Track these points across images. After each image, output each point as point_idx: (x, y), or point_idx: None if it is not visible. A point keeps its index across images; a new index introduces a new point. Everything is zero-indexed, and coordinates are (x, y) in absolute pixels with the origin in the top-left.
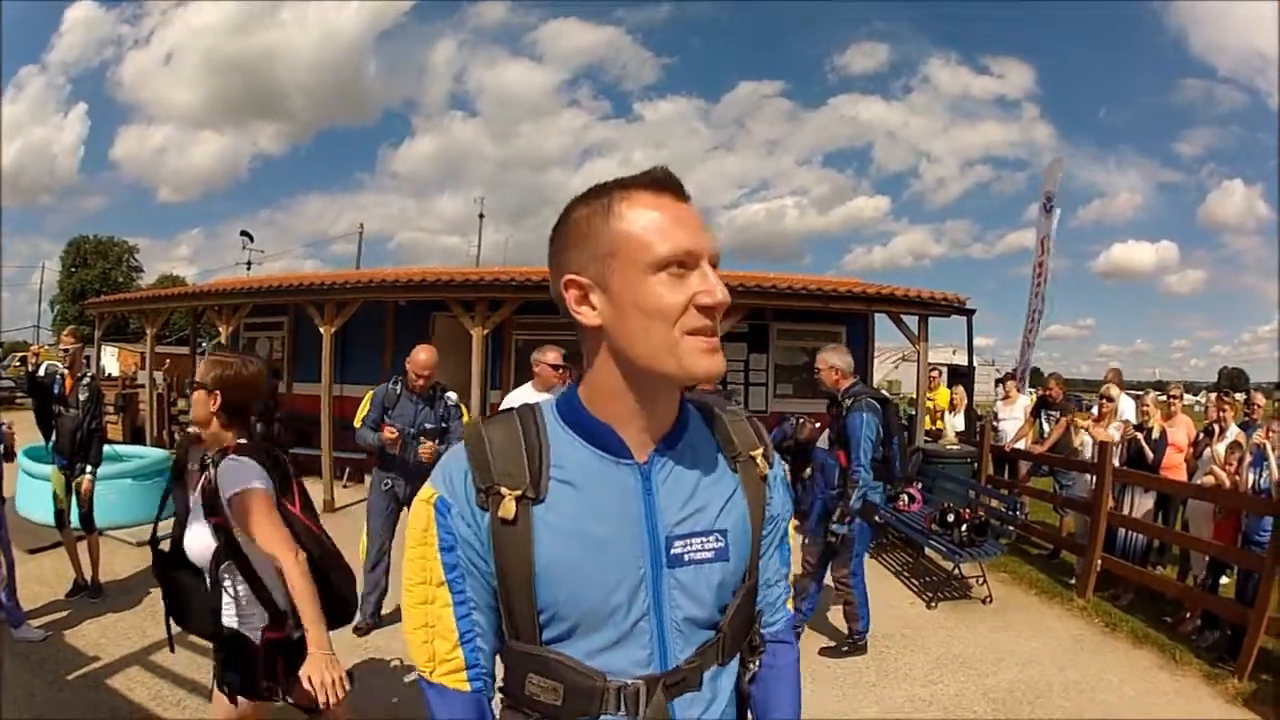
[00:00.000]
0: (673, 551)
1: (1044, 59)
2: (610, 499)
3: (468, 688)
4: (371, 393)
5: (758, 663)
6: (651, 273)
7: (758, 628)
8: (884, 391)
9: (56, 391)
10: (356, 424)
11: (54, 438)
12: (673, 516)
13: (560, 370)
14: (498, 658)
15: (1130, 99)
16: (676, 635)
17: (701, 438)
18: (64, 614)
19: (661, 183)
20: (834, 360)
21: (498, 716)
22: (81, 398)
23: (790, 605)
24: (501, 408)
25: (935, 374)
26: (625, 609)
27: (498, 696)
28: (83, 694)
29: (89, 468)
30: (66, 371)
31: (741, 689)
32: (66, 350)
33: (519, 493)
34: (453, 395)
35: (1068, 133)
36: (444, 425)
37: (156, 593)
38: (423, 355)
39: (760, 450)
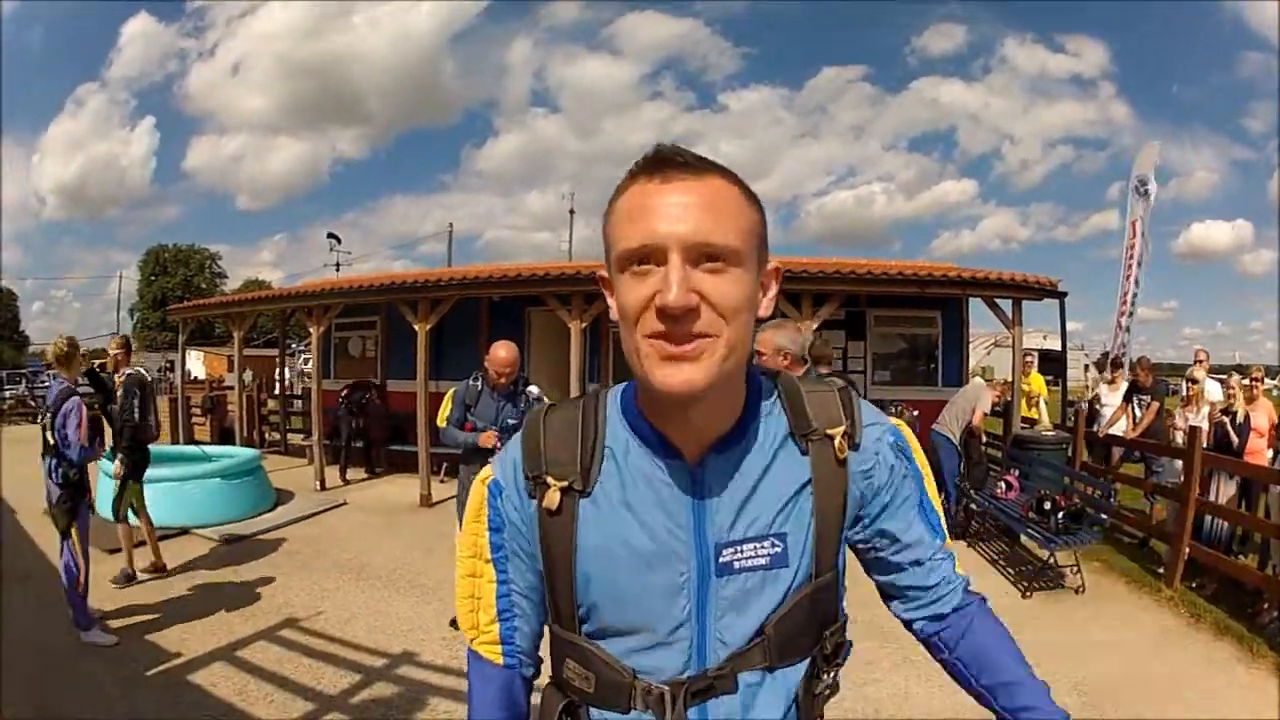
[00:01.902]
0: (722, 560)
1: (1115, 35)
2: (657, 502)
3: (501, 661)
4: (453, 391)
5: (833, 675)
6: (619, 270)
7: (840, 634)
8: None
9: (108, 392)
10: (440, 424)
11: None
12: (725, 520)
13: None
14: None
15: (1198, 74)
16: (718, 643)
17: (772, 425)
18: (149, 615)
19: (645, 164)
20: (780, 340)
21: (541, 690)
22: (119, 395)
23: (960, 570)
24: None
25: (1029, 359)
26: (663, 617)
27: (544, 674)
28: (161, 691)
29: (119, 455)
30: (114, 373)
31: (804, 697)
32: (114, 355)
33: (565, 484)
34: (535, 389)
35: (1143, 110)
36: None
37: (241, 590)
38: (502, 353)
39: (841, 428)
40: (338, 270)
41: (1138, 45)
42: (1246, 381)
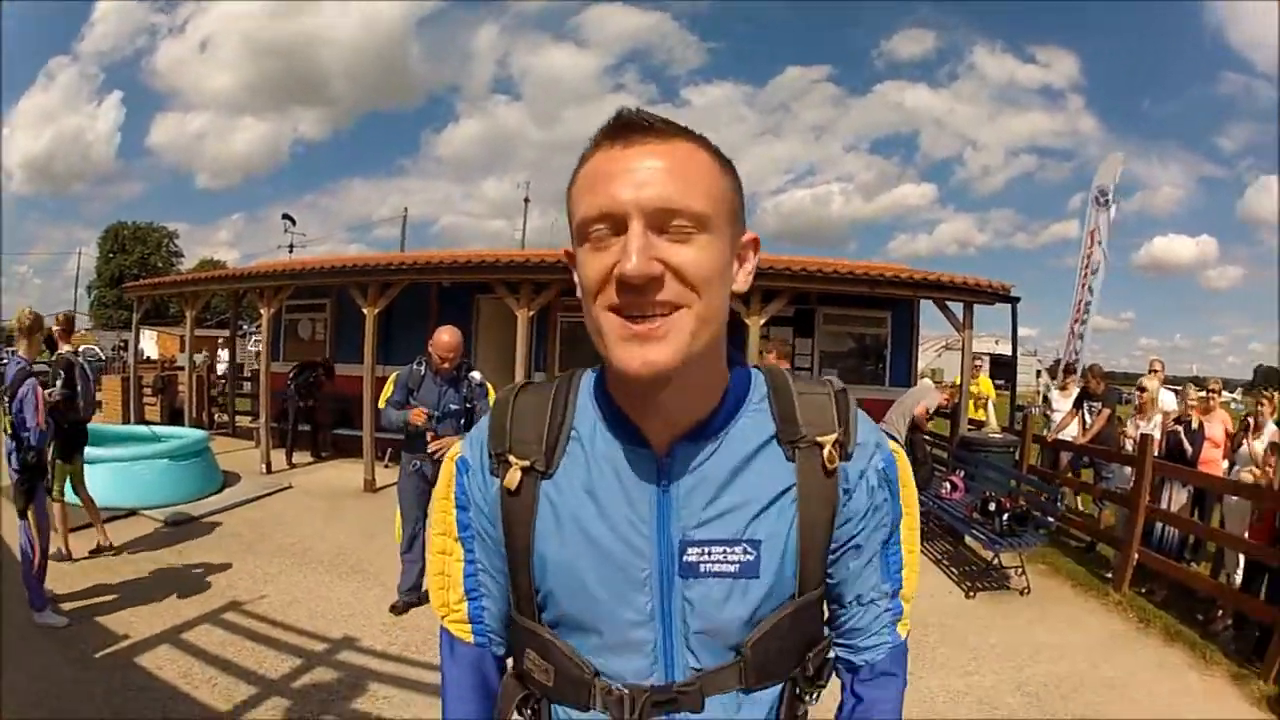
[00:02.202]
0: (686, 559)
1: (1089, 49)
2: (620, 491)
3: (471, 640)
4: (396, 374)
5: (816, 696)
6: (580, 242)
7: (824, 654)
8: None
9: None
10: (380, 405)
11: None
12: (692, 519)
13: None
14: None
15: (1172, 91)
16: (687, 651)
17: (754, 422)
18: (97, 597)
19: (607, 130)
20: None
21: (503, 676)
22: (49, 375)
23: (902, 630)
24: None
25: (978, 363)
26: (620, 614)
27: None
28: (109, 673)
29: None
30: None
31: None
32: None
33: (527, 463)
34: (477, 374)
35: (1112, 124)
36: (469, 406)
37: (186, 572)
38: (446, 337)
39: (833, 436)
40: (291, 252)
41: (1112, 59)
42: (1203, 393)
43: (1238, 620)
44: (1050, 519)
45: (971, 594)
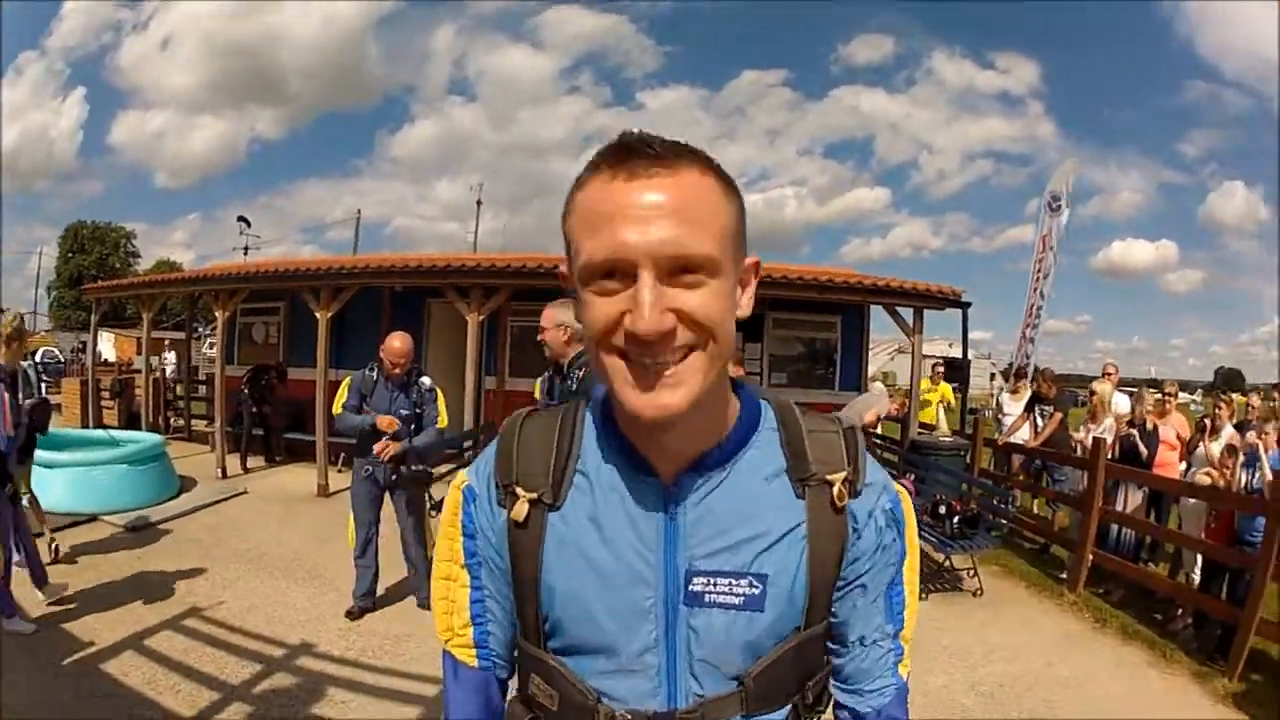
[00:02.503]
0: (692, 588)
1: (1050, 56)
2: (627, 520)
3: (475, 664)
4: (349, 379)
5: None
6: (584, 284)
7: (823, 682)
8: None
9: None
10: (335, 410)
11: None
12: (699, 549)
13: None
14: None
15: (1135, 99)
16: (691, 678)
17: (763, 455)
18: (63, 603)
19: (609, 155)
20: (564, 317)
21: (507, 700)
22: None
23: (903, 671)
24: None
25: (939, 368)
26: (625, 640)
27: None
28: (77, 680)
29: None
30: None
31: None
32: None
33: (535, 496)
34: (427, 380)
35: (1071, 130)
36: (418, 411)
37: (146, 579)
38: (397, 344)
39: (843, 474)
40: (245, 254)
41: (1072, 66)
42: (1159, 395)
43: (1198, 619)
44: (1002, 521)
45: (924, 596)
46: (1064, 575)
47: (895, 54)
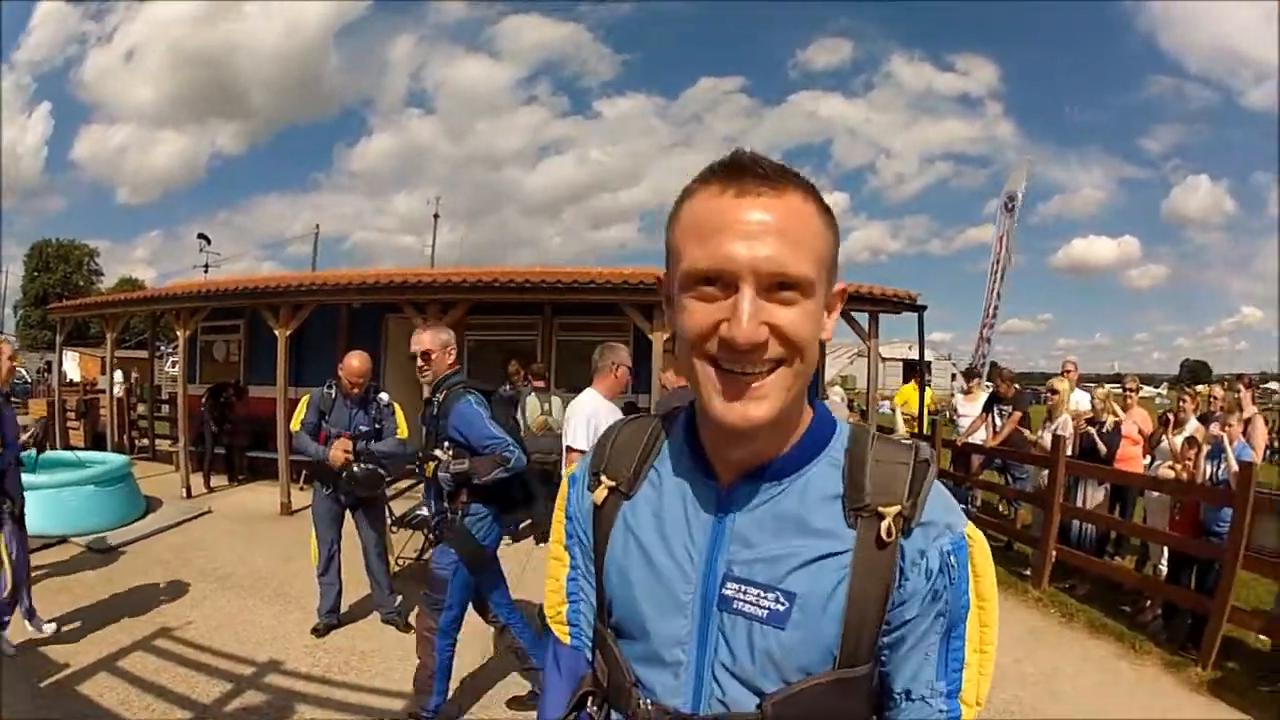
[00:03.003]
0: (724, 592)
1: (1010, 57)
2: (683, 517)
3: (568, 641)
4: (308, 396)
5: None
6: (683, 288)
7: None
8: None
9: None
10: (294, 427)
11: None
12: (739, 555)
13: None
14: None
15: (1096, 98)
16: (715, 683)
17: (824, 476)
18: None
19: (720, 170)
20: (432, 341)
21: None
22: None
23: None
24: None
25: (916, 375)
26: (659, 630)
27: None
28: (54, 702)
29: None
30: None
31: None
32: None
33: (614, 484)
34: (385, 395)
35: (1031, 130)
36: (377, 426)
37: (117, 600)
38: (355, 363)
39: (897, 508)
40: (206, 271)
41: (1033, 67)
42: (1120, 391)
43: (1167, 610)
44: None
45: None
46: (1028, 572)
47: (853, 58)
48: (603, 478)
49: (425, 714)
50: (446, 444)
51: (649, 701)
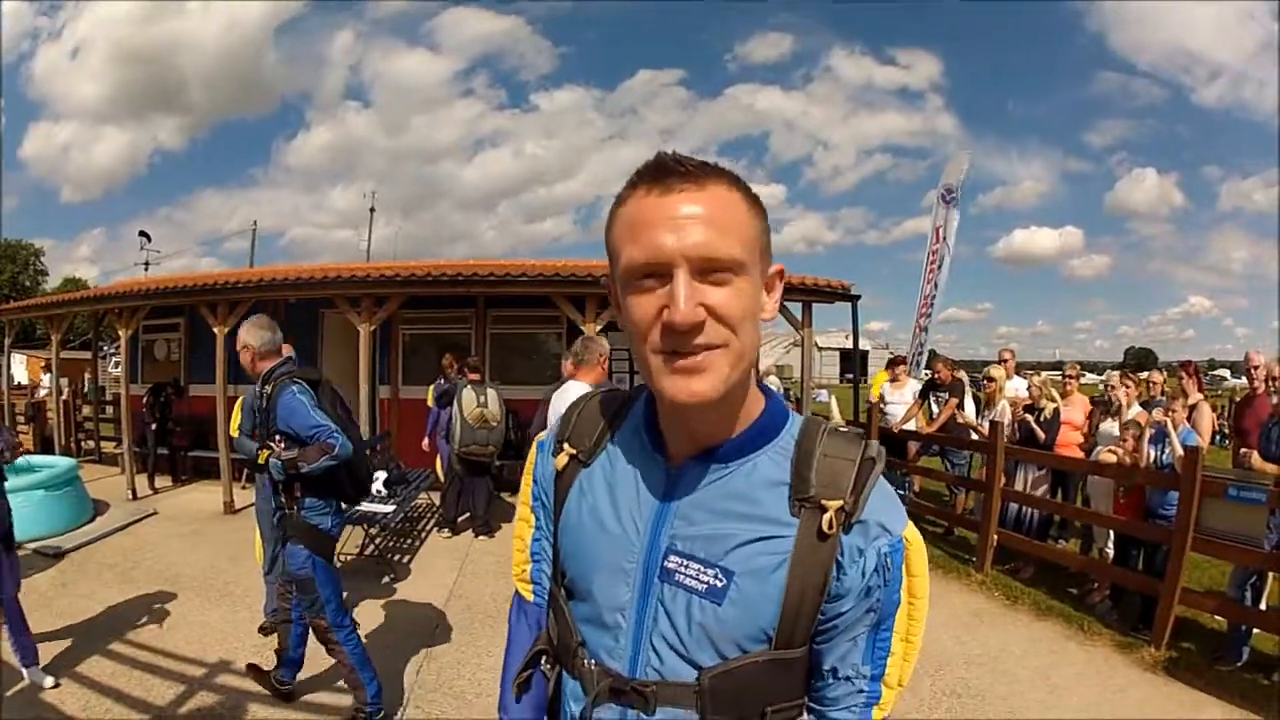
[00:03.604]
0: (667, 565)
1: (953, 53)
2: (634, 490)
3: (532, 599)
4: (242, 399)
5: None
6: (625, 284)
7: (790, 714)
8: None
9: None
10: (233, 433)
11: None
12: (683, 531)
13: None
14: None
15: (1040, 92)
16: (652, 651)
17: (773, 464)
18: None
19: (645, 173)
20: (246, 337)
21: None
22: None
23: (877, 714)
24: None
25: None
26: (603, 593)
27: None
28: (22, 710)
29: None
30: None
31: None
32: None
33: (574, 452)
34: None
35: (971, 124)
36: None
37: (71, 605)
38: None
39: (838, 503)
40: (146, 269)
41: (976, 62)
42: (1059, 377)
43: (1115, 592)
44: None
45: None
46: (971, 557)
47: (793, 52)
48: (565, 445)
49: (368, 708)
50: (278, 435)
51: (593, 662)
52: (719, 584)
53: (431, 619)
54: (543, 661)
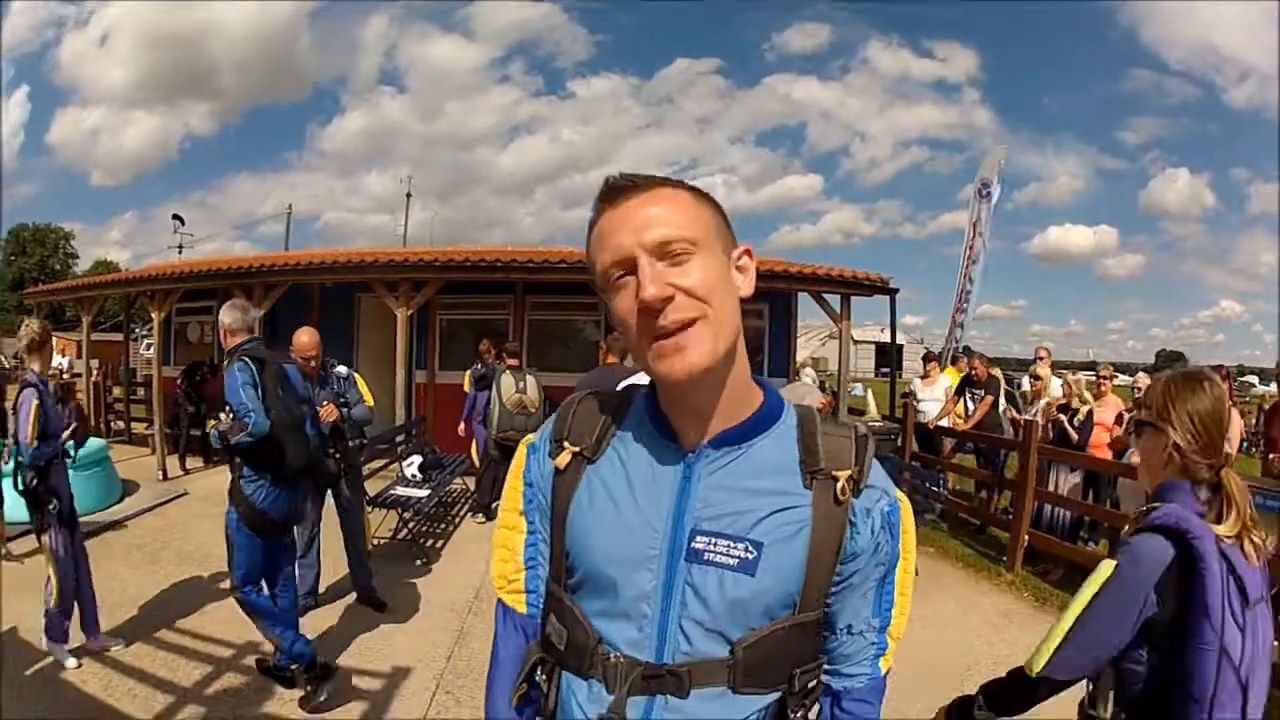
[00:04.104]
0: (694, 545)
1: (990, 46)
2: (650, 478)
3: (524, 609)
4: None
5: (812, 713)
6: (606, 288)
7: (813, 674)
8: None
9: None
10: None
11: None
12: (706, 511)
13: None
14: None
15: (1075, 88)
16: (681, 634)
17: (779, 445)
18: (17, 609)
19: (601, 196)
20: (224, 317)
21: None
22: None
23: (883, 664)
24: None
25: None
26: (626, 584)
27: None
28: (41, 689)
29: None
30: None
31: None
32: None
33: (578, 449)
34: (343, 368)
35: (1007, 118)
36: (343, 399)
37: (102, 584)
38: (304, 338)
39: (848, 472)
40: (180, 252)
41: (1013, 56)
42: (1094, 378)
43: None
44: (936, 504)
45: None
46: (1002, 556)
47: (831, 42)
48: (565, 444)
49: (274, 657)
50: (227, 407)
51: (618, 655)
52: (750, 556)
53: (463, 604)
54: (539, 672)
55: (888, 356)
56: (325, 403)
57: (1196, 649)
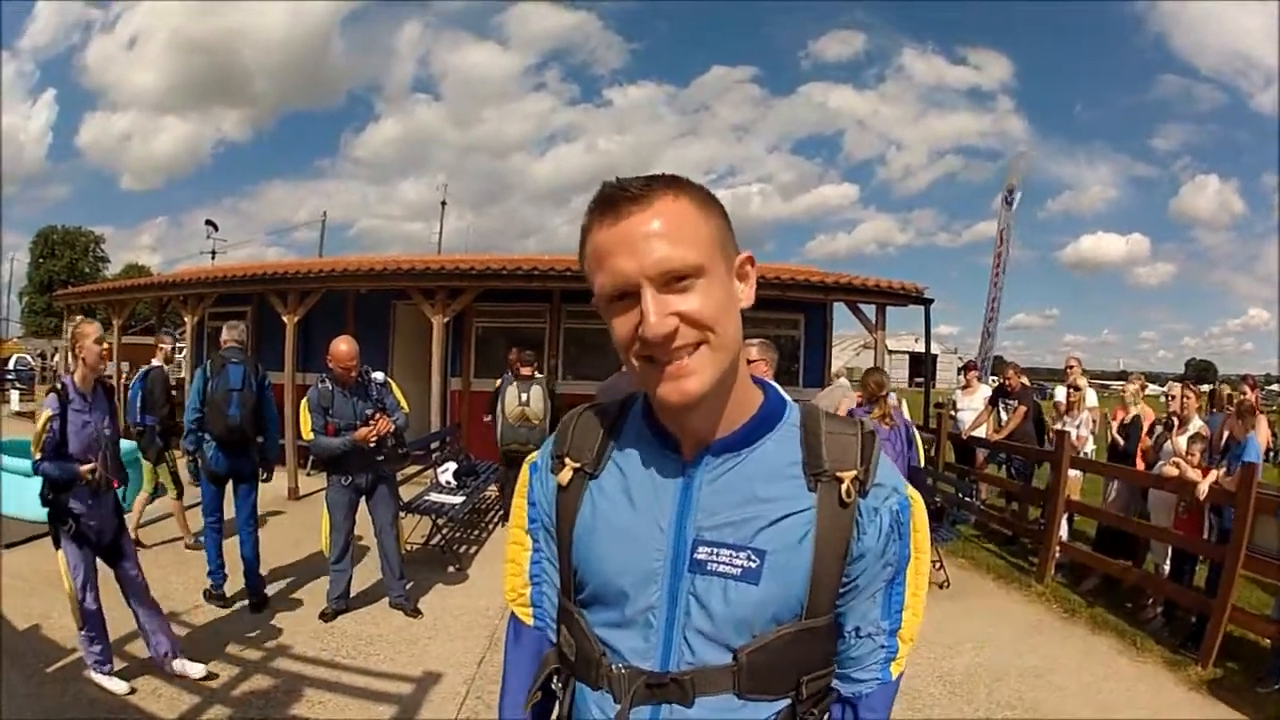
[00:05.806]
0: (696, 556)
1: (1023, 53)
2: (651, 490)
3: (531, 623)
4: (305, 400)
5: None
6: (604, 310)
7: (822, 682)
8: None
9: None
10: (307, 436)
11: None
12: (707, 520)
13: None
14: None
15: (1106, 96)
16: (684, 644)
17: (780, 446)
18: (40, 607)
19: (596, 205)
20: (233, 327)
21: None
22: None
23: (895, 669)
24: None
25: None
26: (631, 596)
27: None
28: (61, 687)
29: None
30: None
31: None
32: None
33: (579, 465)
34: (379, 375)
35: (1040, 126)
36: (381, 406)
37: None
38: (344, 347)
39: (853, 473)
40: (213, 258)
41: (1045, 64)
42: (1134, 388)
43: (1169, 608)
44: (968, 514)
45: None
46: (1033, 567)
47: (866, 50)
48: (566, 460)
49: (214, 590)
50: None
51: (621, 667)
52: (753, 565)
53: (496, 610)
54: (554, 681)
55: (921, 366)
56: (378, 416)
57: None
